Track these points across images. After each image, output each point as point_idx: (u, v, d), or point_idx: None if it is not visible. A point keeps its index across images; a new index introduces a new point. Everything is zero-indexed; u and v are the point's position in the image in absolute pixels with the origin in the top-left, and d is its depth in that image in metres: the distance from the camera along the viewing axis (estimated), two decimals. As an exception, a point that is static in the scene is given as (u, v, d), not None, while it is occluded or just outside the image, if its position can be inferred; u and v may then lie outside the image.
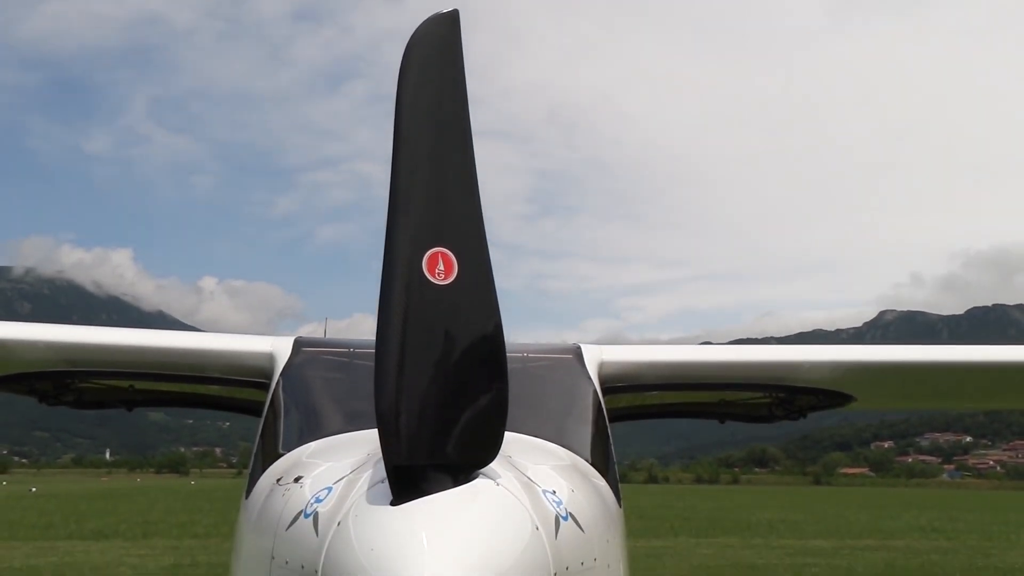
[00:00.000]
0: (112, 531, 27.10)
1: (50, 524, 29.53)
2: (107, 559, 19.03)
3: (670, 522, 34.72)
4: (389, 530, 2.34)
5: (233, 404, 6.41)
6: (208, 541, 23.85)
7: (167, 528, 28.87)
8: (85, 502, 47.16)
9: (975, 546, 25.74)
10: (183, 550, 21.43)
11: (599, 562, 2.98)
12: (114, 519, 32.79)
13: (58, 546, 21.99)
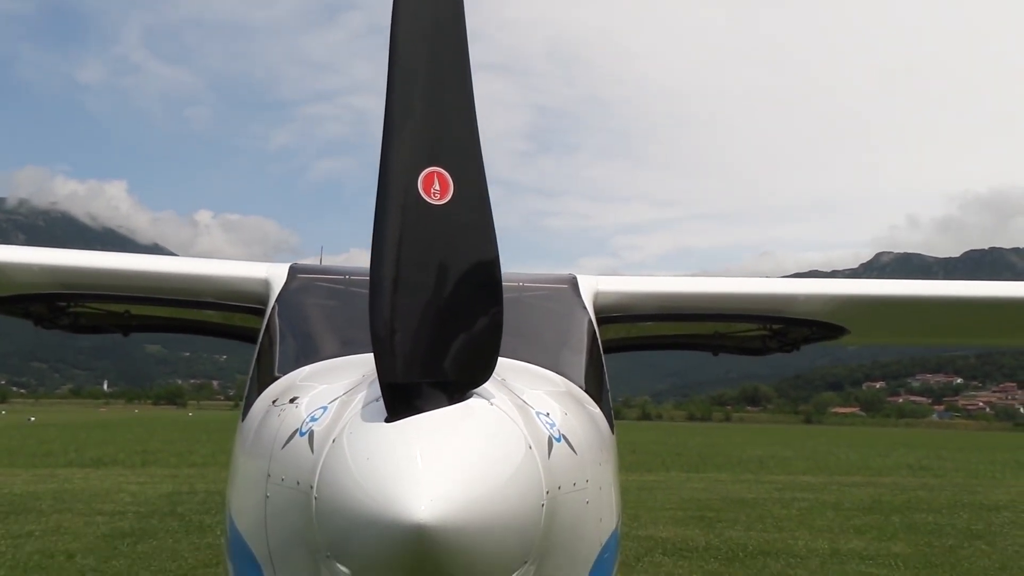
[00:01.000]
0: (111, 459, 27.41)
1: (49, 452, 29.85)
2: (106, 486, 19.27)
3: (662, 457, 35.18)
4: (383, 446, 2.34)
5: (229, 331, 6.41)
6: (206, 470, 24.15)
7: (165, 457, 29.21)
8: (84, 431, 47.64)
9: (961, 484, 26.15)
10: (181, 478, 21.71)
11: (591, 484, 3.00)
12: (113, 448, 33.15)
13: (58, 473, 22.24)
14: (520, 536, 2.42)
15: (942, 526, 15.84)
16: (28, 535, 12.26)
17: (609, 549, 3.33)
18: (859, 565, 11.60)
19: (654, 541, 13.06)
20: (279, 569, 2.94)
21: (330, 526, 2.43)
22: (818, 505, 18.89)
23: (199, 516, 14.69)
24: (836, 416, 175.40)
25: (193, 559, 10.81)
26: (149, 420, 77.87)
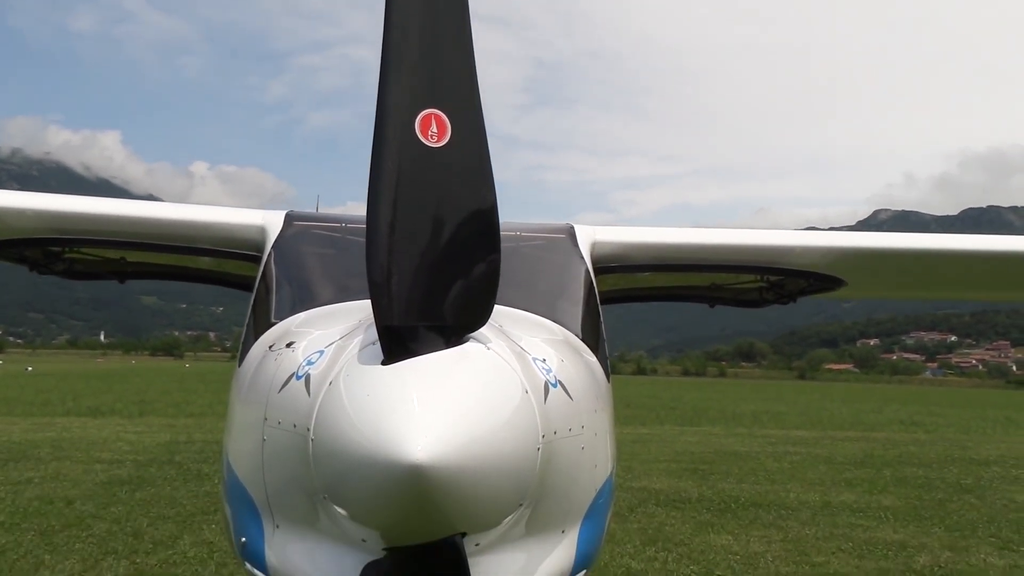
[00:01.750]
0: (109, 409, 27.58)
1: (47, 401, 30.02)
2: (104, 435, 19.40)
3: (656, 411, 35.48)
4: (380, 388, 2.33)
5: (225, 279, 6.39)
6: (203, 420, 24.31)
7: (163, 407, 29.39)
8: (81, 381, 47.87)
9: (952, 439, 26.42)
10: (179, 428, 21.86)
11: (587, 430, 3.00)
12: (110, 398, 33.34)
13: (56, 422, 22.38)
14: (515, 479, 2.43)
15: (932, 480, 16.02)
16: (27, 482, 12.37)
17: (604, 495, 3.35)
18: (849, 517, 11.75)
19: (648, 492, 13.21)
20: (277, 512, 2.95)
21: (327, 468, 2.43)
22: (810, 459, 19.09)
23: (197, 465, 14.81)
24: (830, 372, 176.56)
25: (191, 506, 10.92)
26: (146, 371, 78.22)
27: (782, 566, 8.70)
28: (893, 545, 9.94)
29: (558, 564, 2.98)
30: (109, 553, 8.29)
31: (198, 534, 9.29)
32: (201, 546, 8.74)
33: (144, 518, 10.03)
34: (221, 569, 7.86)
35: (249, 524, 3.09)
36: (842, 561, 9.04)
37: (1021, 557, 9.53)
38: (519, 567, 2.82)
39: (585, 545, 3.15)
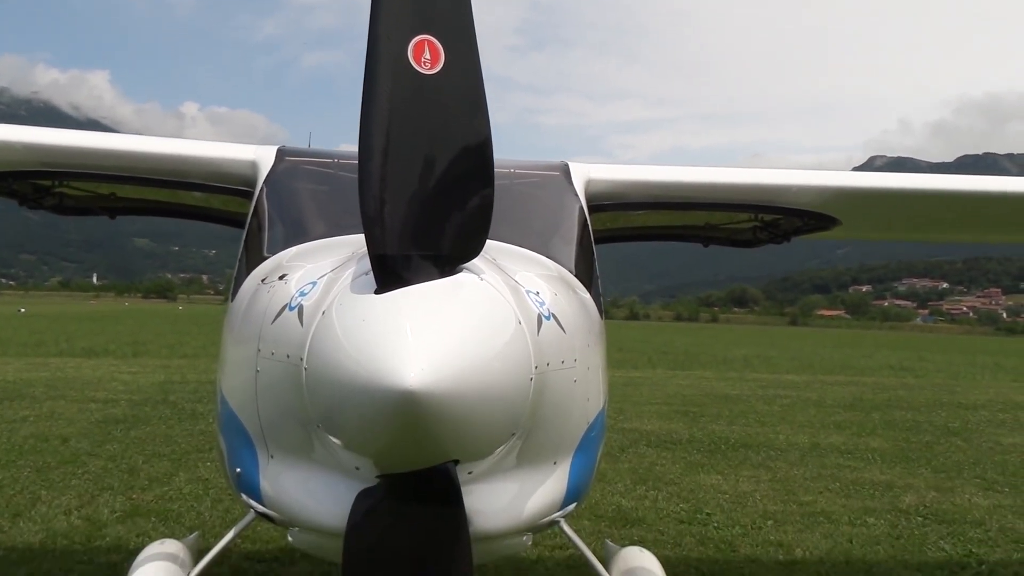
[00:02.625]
0: (102, 350, 27.64)
1: (41, 342, 30.06)
2: (98, 375, 19.48)
3: (648, 355, 35.70)
4: (372, 317, 2.32)
5: (217, 215, 6.34)
6: (197, 361, 24.40)
7: (156, 349, 29.47)
8: (74, 323, 47.91)
9: (941, 384, 26.69)
10: (173, 368, 21.95)
11: (579, 363, 3.01)
12: (103, 339, 33.40)
13: (50, 362, 22.43)
14: (508, 408, 2.43)
15: (920, 423, 16.21)
16: (23, 420, 12.43)
17: (595, 428, 3.37)
18: (837, 458, 11.90)
19: (639, 434, 13.34)
20: (271, 443, 2.97)
21: (320, 397, 2.43)
22: (800, 402, 19.28)
23: (191, 404, 14.89)
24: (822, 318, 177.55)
25: (186, 444, 11.01)
26: (139, 313, 78.30)
27: (770, 505, 8.83)
28: (880, 485, 10.08)
29: (550, 495, 3.02)
30: (105, 489, 8.37)
31: (193, 471, 9.38)
32: (196, 483, 8.82)
33: (139, 456, 10.11)
34: (217, 505, 7.94)
35: (244, 455, 3.11)
36: (829, 500, 9.18)
37: (1005, 497, 9.68)
38: (511, 496, 2.84)
39: (576, 477, 3.18)
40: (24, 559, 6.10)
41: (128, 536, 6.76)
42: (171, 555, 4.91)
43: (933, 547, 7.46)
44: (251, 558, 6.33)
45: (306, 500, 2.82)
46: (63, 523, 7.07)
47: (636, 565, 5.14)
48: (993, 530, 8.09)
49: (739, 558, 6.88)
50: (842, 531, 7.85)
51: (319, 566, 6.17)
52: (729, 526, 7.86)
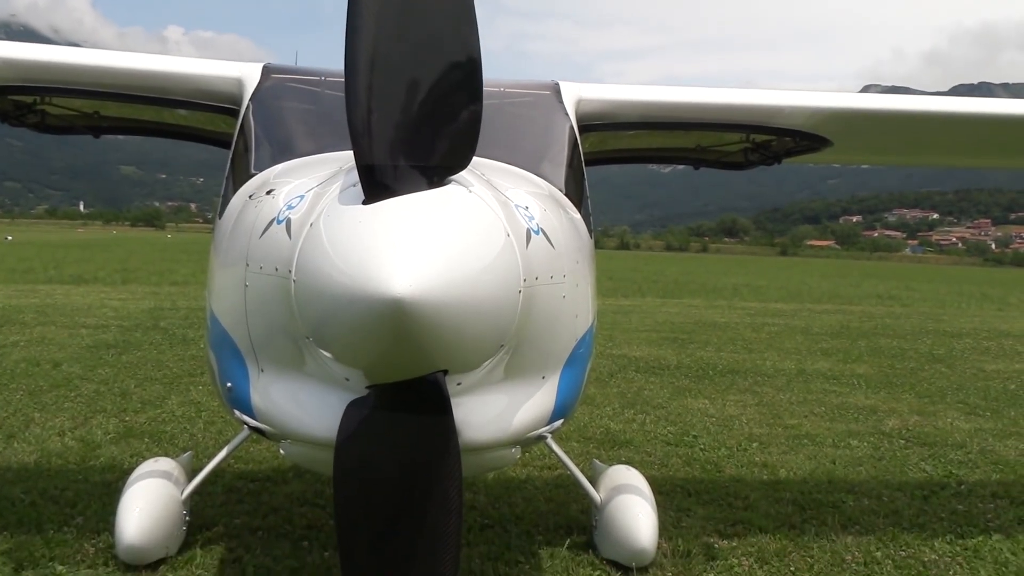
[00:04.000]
0: (91, 277, 27.55)
1: (29, 269, 29.92)
2: (88, 301, 19.44)
3: (639, 284, 35.85)
4: (360, 227, 2.30)
5: (203, 135, 6.27)
6: (187, 288, 24.38)
7: (146, 276, 29.39)
8: (62, 250, 47.65)
9: (927, 312, 26.94)
10: (163, 295, 21.93)
11: (568, 280, 3.01)
12: (92, 266, 33.26)
13: (39, 289, 22.37)
14: (496, 320, 2.43)
15: (905, 350, 16.41)
16: (13, 345, 12.44)
17: (584, 345, 3.39)
18: (823, 384, 12.06)
19: (628, 359, 13.47)
20: (261, 357, 2.98)
21: (309, 309, 2.43)
22: (788, 330, 19.45)
23: (182, 330, 14.92)
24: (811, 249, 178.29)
25: (178, 369, 11.06)
26: (128, 241, 77.90)
27: (756, 428, 8.96)
28: (864, 410, 10.24)
29: (538, 409, 3.05)
30: (98, 412, 8.42)
31: (185, 395, 9.44)
32: (188, 406, 8.89)
33: (131, 380, 10.16)
34: (209, 427, 8.01)
35: (234, 370, 3.13)
36: (814, 424, 9.33)
37: (986, 421, 9.86)
38: (500, 409, 2.87)
39: (564, 393, 3.21)
40: (19, 478, 6.17)
41: (122, 456, 6.83)
42: (165, 472, 4.98)
43: (914, 468, 7.61)
44: (244, 477, 6.42)
45: (297, 412, 2.84)
46: (57, 444, 7.14)
47: (623, 482, 5.24)
48: (974, 452, 8.25)
49: (724, 478, 7.01)
50: (825, 453, 8.00)
51: (311, 485, 6.26)
52: (715, 448, 7.99)
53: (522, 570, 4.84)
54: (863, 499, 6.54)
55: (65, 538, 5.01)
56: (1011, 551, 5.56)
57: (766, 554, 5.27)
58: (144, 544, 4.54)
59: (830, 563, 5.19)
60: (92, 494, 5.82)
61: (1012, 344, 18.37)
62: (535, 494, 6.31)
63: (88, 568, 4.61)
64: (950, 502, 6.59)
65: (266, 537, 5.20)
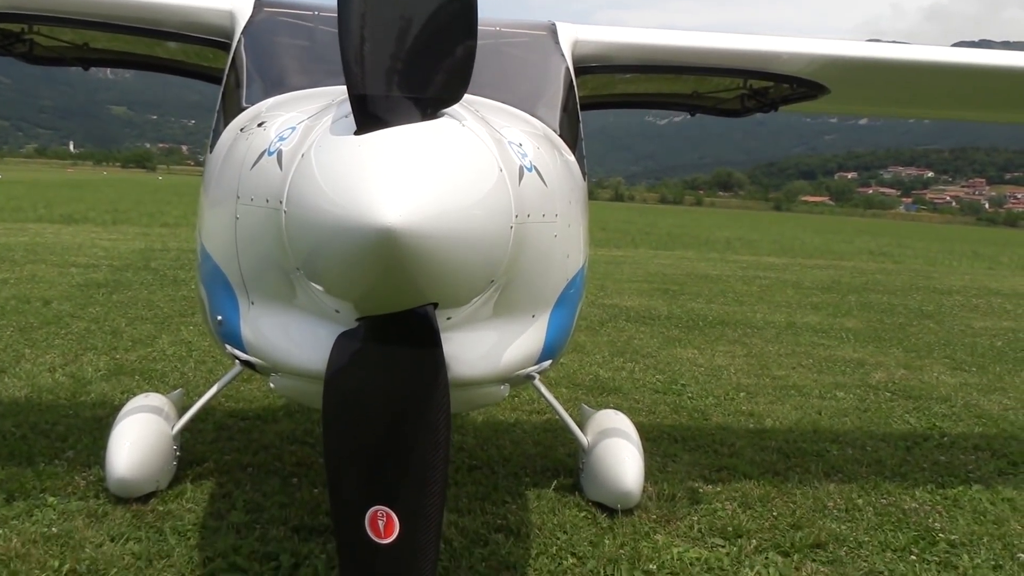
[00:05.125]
0: (82, 217, 27.39)
1: (19, 208, 29.70)
2: (78, 241, 19.36)
3: (632, 236, 35.83)
4: (352, 158, 2.28)
5: (194, 69, 6.18)
6: (178, 230, 24.29)
7: (137, 217, 29.24)
8: (52, 190, 47.29)
9: (918, 270, 27.05)
10: (154, 236, 21.84)
11: (560, 219, 3.00)
12: (82, 206, 33.05)
13: (28, 227, 22.25)
14: (487, 254, 2.42)
15: (895, 306, 16.49)
16: (3, 282, 12.40)
17: (575, 286, 3.39)
18: (812, 336, 12.14)
19: (619, 309, 13.51)
20: (252, 290, 2.97)
21: (300, 239, 2.42)
22: (779, 283, 19.52)
23: (173, 271, 14.89)
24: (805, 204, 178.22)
25: (168, 309, 11.05)
26: (118, 182, 77.33)
27: (743, 378, 9.04)
28: (851, 363, 10.32)
29: (527, 347, 3.06)
30: (89, 349, 8.43)
31: (176, 334, 9.45)
32: (179, 345, 8.90)
33: (122, 319, 10.15)
34: (200, 366, 8.04)
35: (224, 303, 3.12)
36: (801, 375, 9.41)
37: (972, 376, 9.95)
38: (489, 345, 2.88)
39: (554, 333, 3.22)
40: (10, 412, 6.19)
41: (113, 393, 6.86)
42: (156, 408, 5.01)
43: (899, 420, 7.70)
44: (234, 416, 6.46)
45: (287, 345, 2.85)
46: (48, 379, 7.15)
47: (610, 426, 5.29)
48: (958, 406, 8.35)
49: (711, 426, 7.08)
50: (812, 403, 8.08)
51: (301, 424, 6.31)
52: (703, 396, 8.06)
53: (509, 510, 4.90)
54: (847, 448, 6.63)
55: (56, 471, 5.04)
56: (990, 501, 5.65)
57: (750, 499, 5.35)
58: (134, 477, 4.57)
59: (812, 509, 5.27)
60: (83, 429, 5.85)
61: (1001, 302, 18.48)
62: (523, 437, 6.37)
63: (79, 500, 4.65)
64: (932, 453, 6.67)
65: (256, 474, 5.25)
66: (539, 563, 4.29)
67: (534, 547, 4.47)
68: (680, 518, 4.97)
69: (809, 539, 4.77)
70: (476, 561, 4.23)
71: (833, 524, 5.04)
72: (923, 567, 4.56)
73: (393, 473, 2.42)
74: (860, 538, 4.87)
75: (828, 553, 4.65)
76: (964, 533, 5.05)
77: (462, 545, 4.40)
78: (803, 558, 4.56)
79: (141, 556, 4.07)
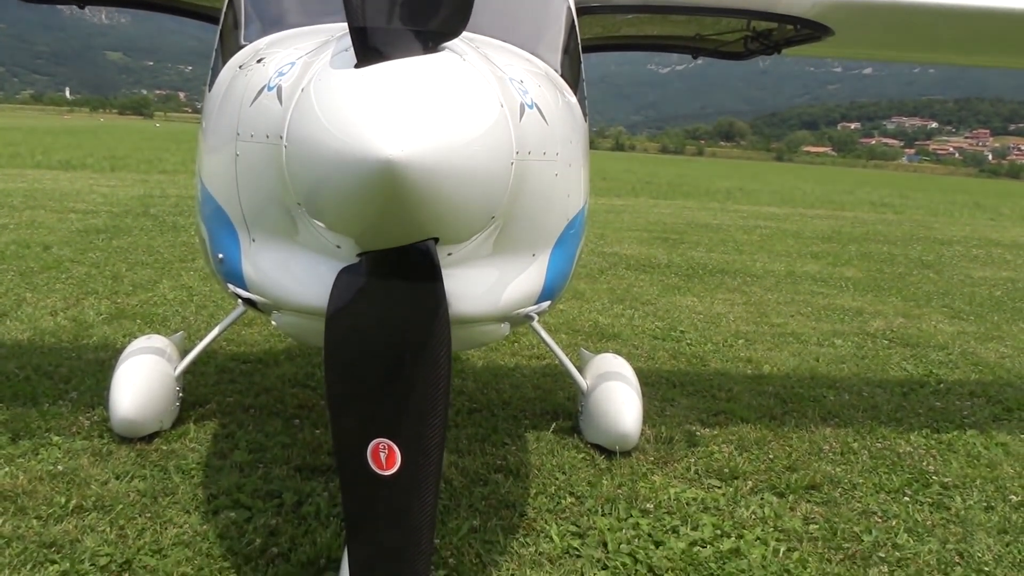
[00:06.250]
0: (80, 163, 27.23)
1: (16, 154, 29.52)
2: (77, 187, 19.28)
3: (632, 185, 35.68)
4: (353, 89, 2.26)
5: (192, 8, 6.10)
6: (176, 177, 24.18)
7: (135, 164, 29.06)
8: (49, 136, 46.95)
9: (919, 220, 26.99)
10: (152, 183, 21.75)
11: (561, 158, 2.99)
12: (80, 153, 32.85)
13: (26, 174, 22.13)
14: (487, 190, 2.42)
15: (895, 256, 16.50)
16: (2, 228, 12.38)
17: (575, 226, 3.39)
18: (811, 285, 12.16)
19: (618, 257, 13.52)
20: (253, 226, 2.97)
21: (301, 174, 2.41)
22: (779, 233, 19.50)
23: (172, 217, 14.86)
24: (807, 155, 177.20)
25: (169, 254, 11.05)
26: (115, 129, 76.76)
27: (742, 325, 9.08)
28: (850, 311, 10.36)
29: (527, 285, 3.06)
30: (89, 293, 8.45)
31: (177, 279, 9.46)
32: (180, 290, 8.92)
33: (122, 264, 10.16)
34: (201, 311, 8.06)
35: (225, 241, 3.12)
36: (799, 323, 9.45)
37: (969, 325, 10.00)
38: (489, 283, 2.89)
39: (554, 272, 3.22)
40: (13, 354, 6.23)
41: (115, 336, 6.89)
42: (159, 349, 5.04)
43: (896, 367, 7.76)
44: (236, 359, 6.50)
45: (288, 281, 2.85)
46: (50, 323, 7.18)
47: (609, 369, 5.33)
48: (955, 354, 8.40)
49: (709, 371, 7.13)
50: (810, 351, 8.13)
51: (302, 368, 6.36)
52: (701, 343, 8.10)
53: (508, 451, 4.96)
54: (844, 394, 6.68)
55: (60, 411, 5.09)
56: (983, 445, 5.72)
57: (746, 442, 5.41)
58: (138, 417, 4.62)
59: (808, 452, 5.34)
60: (86, 371, 5.89)
61: (1001, 253, 18.49)
62: (523, 381, 6.42)
63: (84, 440, 4.70)
64: (928, 399, 6.74)
65: (258, 415, 5.30)
66: (538, 502, 4.36)
67: (533, 487, 4.53)
68: (677, 460, 5.03)
69: (804, 481, 4.84)
70: (476, 500, 4.30)
71: (828, 467, 5.11)
72: (916, 508, 4.64)
73: (395, 406, 2.44)
74: (854, 480, 4.95)
75: (823, 494, 4.73)
76: (957, 476, 5.13)
77: (462, 484, 4.47)
78: (798, 499, 4.64)
79: (146, 493, 4.13)
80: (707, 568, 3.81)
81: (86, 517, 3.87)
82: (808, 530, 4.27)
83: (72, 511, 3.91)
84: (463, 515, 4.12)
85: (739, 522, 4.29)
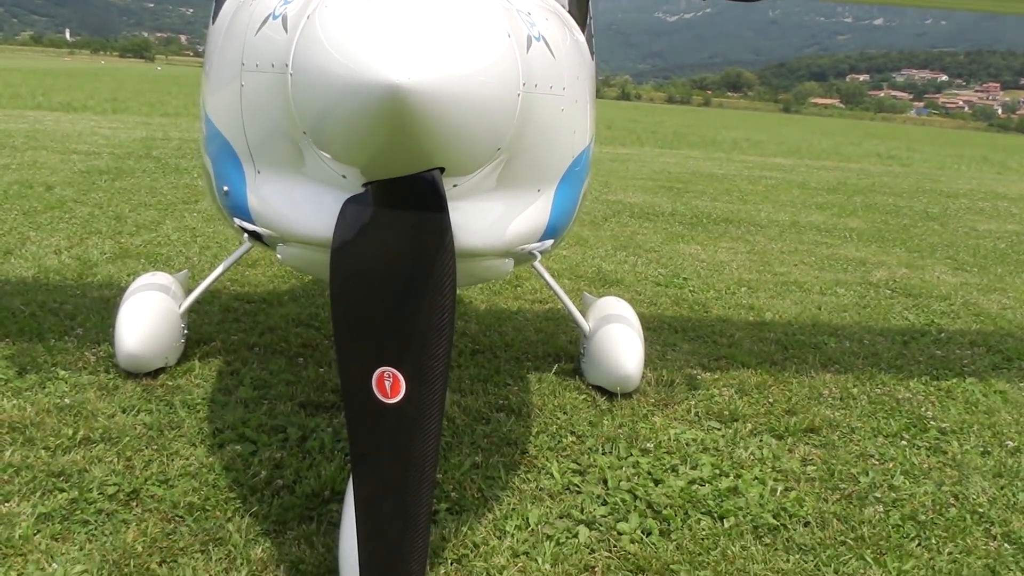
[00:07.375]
0: (81, 105, 27.04)
1: (16, 95, 29.28)
2: (79, 128, 19.16)
3: (637, 134, 35.43)
4: (358, 17, 2.23)
5: None
6: (178, 119, 24.02)
7: (136, 107, 28.87)
8: (50, 78, 46.53)
9: (926, 173, 26.81)
10: (154, 126, 21.61)
11: (567, 93, 2.96)
12: (81, 95, 32.60)
13: (27, 115, 21.97)
14: (494, 120, 2.40)
15: (900, 208, 16.43)
16: (5, 168, 12.33)
17: (580, 163, 3.37)
18: (815, 235, 12.14)
19: (622, 205, 13.47)
20: (258, 158, 2.95)
21: (306, 102, 2.39)
22: (784, 183, 19.39)
23: (175, 160, 14.79)
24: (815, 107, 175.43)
25: (172, 196, 11.03)
26: (116, 71, 76.06)
27: (745, 273, 9.08)
28: (853, 261, 10.35)
29: (532, 221, 3.06)
30: (93, 233, 8.45)
31: (180, 220, 9.46)
32: (184, 231, 8.92)
33: (125, 205, 10.14)
34: (205, 251, 8.07)
35: (230, 173, 3.11)
36: (802, 272, 9.45)
37: (972, 276, 9.99)
38: (494, 217, 2.89)
39: (559, 210, 3.21)
40: (18, 291, 6.25)
41: (119, 275, 6.91)
42: (163, 286, 5.05)
43: (898, 316, 7.77)
44: (240, 299, 6.52)
45: (293, 212, 2.85)
46: (54, 261, 7.20)
47: (612, 312, 5.35)
48: (957, 304, 8.41)
49: (711, 317, 7.16)
50: (812, 299, 8.14)
51: (306, 308, 6.38)
52: (704, 290, 8.12)
53: (510, 391, 5.00)
54: (844, 342, 6.71)
55: (66, 347, 5.12)
56: (982, 393, 5.75)
57: (746, 386, 5.45)
58: (143, 353, 4.65)
59: (807, 396, 5.38)
60: (91, 308, 5.91)
61: (1007, 206, 18.40)
62: (525, 324, 6.45)
63: (90, 374, 4.74)
64: (929, 347, 6.76)
65: (262, 353, 5.33)
66: (539, 440, 4.41)
67: (534, 426, 4.58)
68: (678, 402, 5.07)
69: (803, 424, 4.88)
70: (478, 437, 4.35)
71: (827, 411, 5.15)
72: (913, 451, 4.68)
73: (400, 335, 2.45)
74: (853, 424, 4.99)
75: (821, 437, 4.77)
76: (955, 421, 5.17)
77: (465, 423, 4.51)
78: (796, 441, 4.68)
79: (152, 426, 4.17)
80: (705, 505, 3.86)
81: (93, 448, 3.92)
82: (806, 471, 4.32)
83: (80, 442, 3.96)
84: (465, 451, 4.17)
85: (738, 462, 4.34)
